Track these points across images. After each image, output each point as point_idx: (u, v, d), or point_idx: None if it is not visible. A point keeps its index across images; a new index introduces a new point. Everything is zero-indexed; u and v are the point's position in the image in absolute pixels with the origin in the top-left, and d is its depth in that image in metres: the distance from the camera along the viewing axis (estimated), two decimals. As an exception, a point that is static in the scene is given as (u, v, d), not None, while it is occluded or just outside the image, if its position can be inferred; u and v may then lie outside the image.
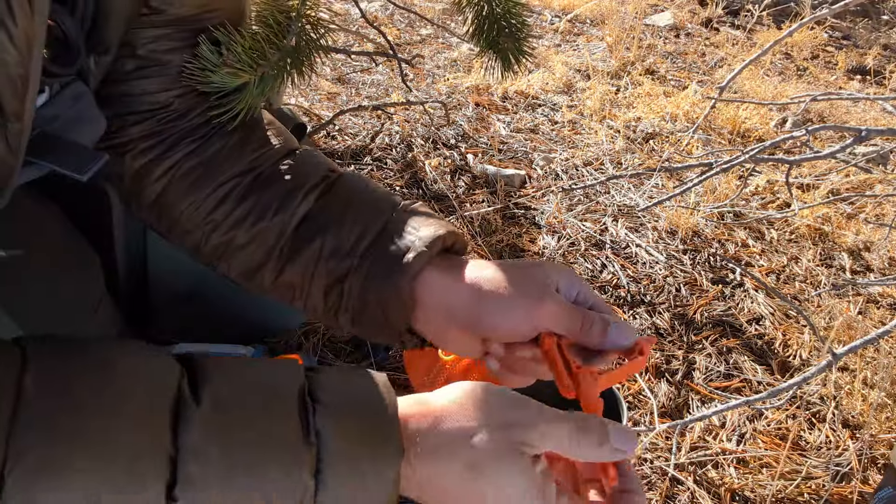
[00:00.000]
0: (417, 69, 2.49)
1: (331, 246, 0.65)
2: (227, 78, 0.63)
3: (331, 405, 0.46)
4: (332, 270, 0.65)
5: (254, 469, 0.43)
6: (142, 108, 0.66)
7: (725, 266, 1.59)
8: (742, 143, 2.15)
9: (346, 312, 0.66)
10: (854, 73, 2.94)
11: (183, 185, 0.67)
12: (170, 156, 0.67)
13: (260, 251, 0.67)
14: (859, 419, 1.22)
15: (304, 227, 0.66)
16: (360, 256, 0.64)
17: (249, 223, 0.66)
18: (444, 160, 1.90)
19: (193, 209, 0.67)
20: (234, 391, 0.46)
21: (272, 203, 0.67)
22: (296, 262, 0.66)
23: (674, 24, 3.23)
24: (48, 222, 0.78)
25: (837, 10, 1.34)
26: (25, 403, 0.40)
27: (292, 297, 0.68)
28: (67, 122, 0.59)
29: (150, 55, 0.64)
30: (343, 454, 0.45)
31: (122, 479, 0.39)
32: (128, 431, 0.41)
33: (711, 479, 1.11)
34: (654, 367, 1.30)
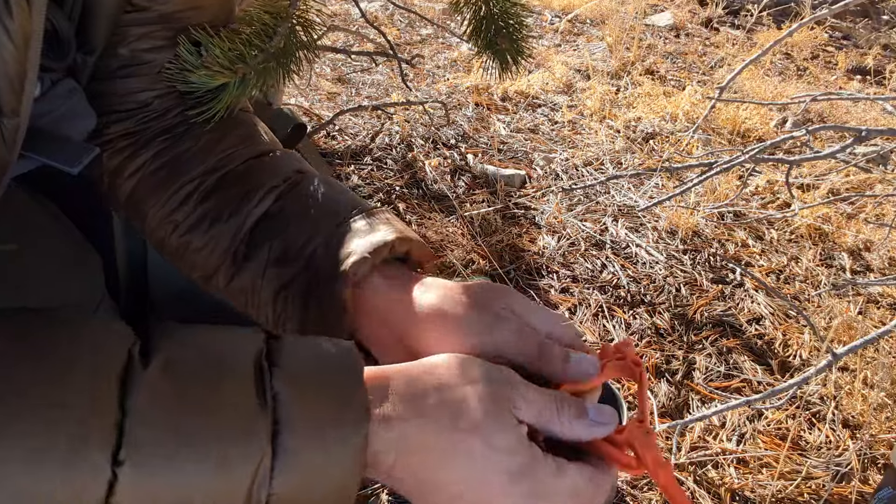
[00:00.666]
0: (417, 69, 2.49)
1: (279, 249, 0.61)
2: (206, 79, 0.63)
3: (290, 368, 0.43)
4: (279, 275, 0.61)
5: (205, 432, 0.40)
6: (124, 108, 0.65)
7: (725, 266, 1.59)
8: (742, 143, 2.15)
9: (290, 321, 0.62)
10: (854, 73, 2.94)
11: (151, 182, 0.66)
12: (142, 153, 0.66)
13: (215, 254, 0.64)
14: (859, 419, 1.22)
15: (259, 229, 0.63)
16: (306, 260, 0.60)
17: (206, 225, 0.64)
18: (444, 160, 1.90)
19: (158, 208, 0.65)
20: (186, 354, 0.43)
21: (230, 204, 0.64)
22: (246, 266, 0.63)
23: (674, 24, 3.23)
24: (47, 222, 0.78)
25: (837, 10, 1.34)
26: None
27: (245, 304, 0.64)
28: (59, 118, 0.59)
29: (134, 54, 0.63)
30: (302, 418, 0.42)
31: (65, 443, 0.38)
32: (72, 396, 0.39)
33: (711, 479, 1.11)
34: (654, 367, 1.30)
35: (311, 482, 0.42)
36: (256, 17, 0.64)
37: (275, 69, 0.65)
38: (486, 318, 0.52)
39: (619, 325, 1.39)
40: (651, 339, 1.37)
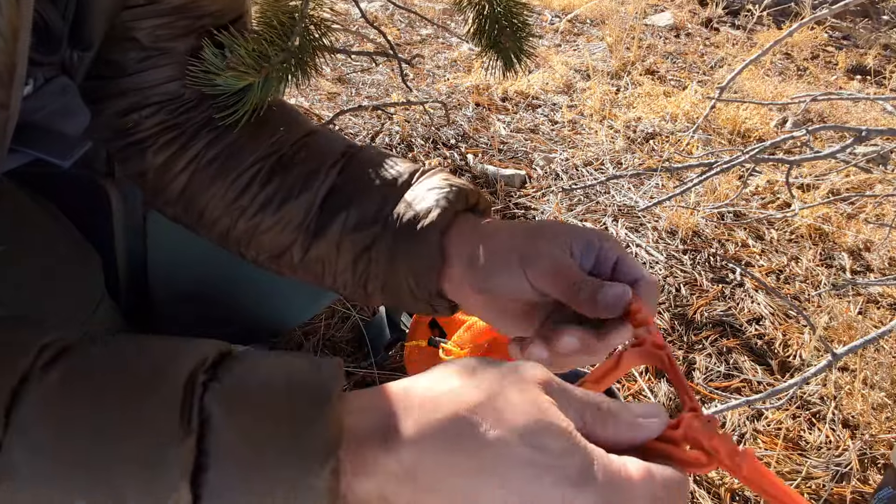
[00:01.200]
0: (417, 69, 2.49)
1: (355, 216, 0.65)
2: (232, 80, 0.64)
3: (235, 384, 0.35)
4: (358, 240, 0.64)
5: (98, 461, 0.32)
6: (154, 101, 0.66)
7: (725, 266, 1.59)
8: (742, 143, 2.15)
9: (375, 280, 0.64)
10: (854, 73, 2.94)
11: (207, 174, 0.68)
12: (191, 146, 0.68)
13: (287, 230, 0.67)
14: (859, 419, 1.22)
15: (329, 202, 0.66)
16: (384, 221, 0.63)
17: (276, 205, 0.67)
18: (444, 160, 1.90)
19: (220, 197, 0.68)
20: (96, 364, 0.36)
21: (297, 183, 0.67)
22: (323, 236, 0.66)
23: (674, 24, 3.23)
24: (47, 222, 0.78)
25: (837, 10, 1.34)
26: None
27: (322, 273, 0.67)
28: (52, 114, 0.59)
29: (155, 44, 0.64)
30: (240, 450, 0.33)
31: None
32: None
33: (711, 479, 1.11)
34: (654, 367, 1.30)
35: None
36: (275, 17, 0.64)
37: (295, 68, 0.66)
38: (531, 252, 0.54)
39: (619, 325, 1.39)
40: (651, 339, 1.37)
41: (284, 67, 0.65)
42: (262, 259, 0.70)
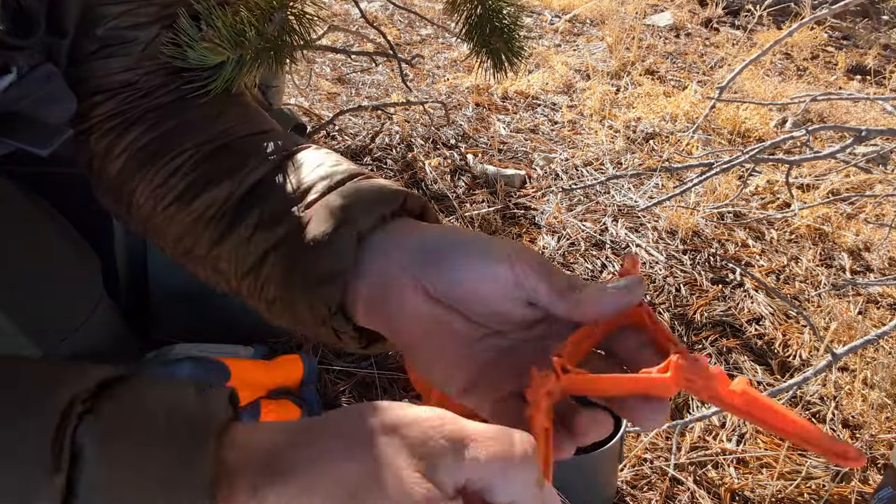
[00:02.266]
0: (417, 69, 2.49)
1: (268, 213, 0.56)
2: (205, 53, 0.61)
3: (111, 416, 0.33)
4: (267, 238, 0.56)
5: None
6: (106, 89, 0.63)
7: (725, 266, 1.59)
8: (742, 143, 2.15)
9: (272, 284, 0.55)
10: (854, 73, 2.94)
11: (141, 156, 0.62)
12: (132, 131, 0.63)
13: (201, 222, 0.59)
14: (859, 419, 1.22)
15: (252, 193, 0.58)
16: (297, 219, 0.54)
17: (196, 191, 0.60)
18: (444, 160, 1.90)
19: (148, 181, 0.61)
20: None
21: (223, 170, 0.59)
22: (232, 232, 0.58)
23: (674, 24, 3.23)
24: (45, 222, 0.78)
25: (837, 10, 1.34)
26: None
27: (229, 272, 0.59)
28: (37, 102, 0.57)
29: (112, 34, 0.61)
30: (108, 485, 0.31)
31: None
32: None
33: (711, 479, 1.11)
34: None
35: None
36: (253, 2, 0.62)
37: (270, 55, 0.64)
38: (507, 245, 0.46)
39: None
40: (651, 339, 1.37)
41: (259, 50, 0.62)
42: (177, 255, 0.63)
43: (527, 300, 0.45)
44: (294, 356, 1.11)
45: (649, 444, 1.14)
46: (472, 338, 0.46)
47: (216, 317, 1.08)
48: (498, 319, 0.46)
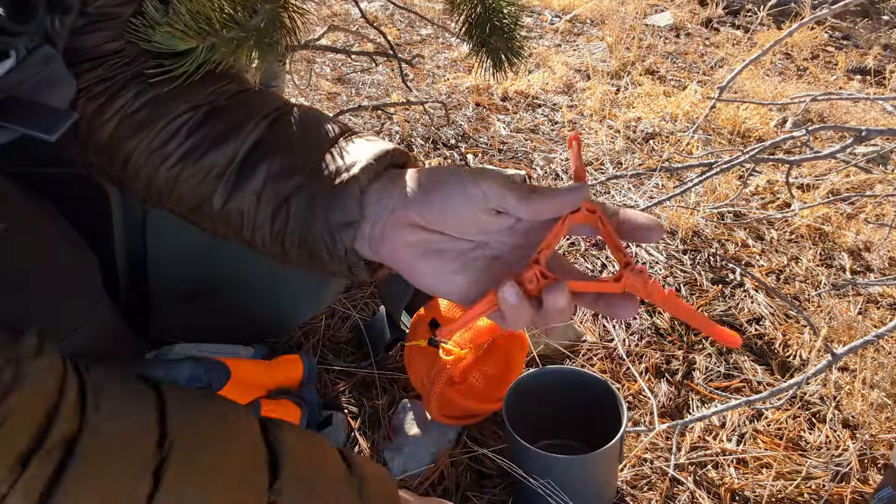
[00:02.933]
0: (417, 69, 2.49)
1: (278, 166, 0.64)
2: (167, 38, 0.62)
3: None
4: (278, 191, 0.64)
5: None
6: (92, 56, 0.66)
7: (725, 266, 1.59)
8: (742, 143, 2.15)
9: (292, 235, 0.64)
10: (854, 73, 2.94)
11: (134, 120, 0.67)
12: (121, 95, 0.67)
13: (208, 180, 0.66)
14: (859, 419, 1.21)
15: (254, 152, 0.66)
16: (307, 173, 0.63)
17: (200, 152, 0.66)
18: (444, 160, 1.90)
19: (146, 144, 0.67)
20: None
21: (223, 132, 0.66)
22: (244, 187, 0.65)
23: (674, 24, 3.23)
24: (45, 222, 0.78)
25: (837, 10, 1.34)
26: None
27: (241, 226, 0.66)
28: (37, 86, 0.58)
29: (100, 10, 0.64)
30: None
31: None
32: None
33: (711, 479, 1.11)
34: (654, 367, 1.30)
35: None
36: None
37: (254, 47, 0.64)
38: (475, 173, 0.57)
39: (618, 325, 1.39)
40: (651, 339, 1.37)
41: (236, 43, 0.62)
42: (182, 211, 0.69)
43: (496, 210, 0.57)
44: (294, 356, 1.11)
45: (649, 444, 1.14)
46: (461, 251, 0.59)
47: (216, 317, 1.08)
48: (477, 231, 0.58)
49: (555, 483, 0.92)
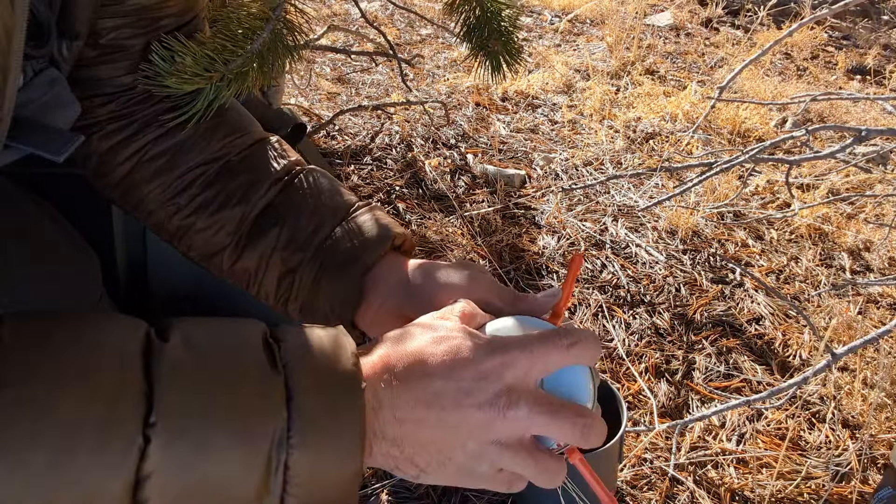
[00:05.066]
0: (417, 69, 2.49)
1: (287, 236, 0.68)
2: (178, 84, 0.65)
3: (293, 344, 0.47)
4: (286, 260, 0.68)
5: (227, 395, 0.43)
6: (106, 91, 0.68)
7: (725, 266, 1.59)
8: (742, 143, 2.15)
9: (295, 301, 0.69)
10: (854, 73, 2.94)
11: (150, 168, 0.70)
12: (137, 139, 0.69)
13: (220, 236, 0.70)
14: (859, 419, 1.22)
15: (264, 216, 0.69)
16: (314, 250, 0.67)
17: (212, 209, 0.69)
18: (444, 160, 1.90)
19: (160, 191, 0.70)
20: (200, 331, 0.47)
21: (236, 192, 0.69)
22: (253, 249, 0.69)
23: (674, 24, 3.23)
24: (45, 221, 0.78)
25: (837, 10, 1.34)
26: (2, 350, 0.40)
27: (247, 283, 0.71)
28: (42, 107, 0.60)
29: (113, 42, 0.65)
30: (310, 384, 0.44)
31: (95, 424, 0.39)
32: (103, 374, 0.41)
33: (711, 479, 1.11)
34: (654, 367, 1.30)
35: (323, 444, 0.43)
36: (236, 19, 0.65)
37: (255, 72, 0.66)
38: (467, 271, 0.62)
39: (618, 325, 1.39)
40: (651, 339, 1.37)
41: (240, 73, 0.65)
42: (193, 256, 0.73)
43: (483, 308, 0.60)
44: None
45: (649, 444, 1.14)
46: None
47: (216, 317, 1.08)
48: None
49: (555, 483, 0.92)
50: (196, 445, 0.41)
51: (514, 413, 0.47)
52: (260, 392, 0.43)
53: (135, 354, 0.43)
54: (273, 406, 0.43)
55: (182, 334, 0.45)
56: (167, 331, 0.45)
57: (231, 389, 0.43)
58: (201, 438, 0.41)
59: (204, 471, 0.41)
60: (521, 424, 0.48)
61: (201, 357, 0.44)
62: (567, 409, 0.48)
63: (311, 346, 0.47)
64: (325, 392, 0.44)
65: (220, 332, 0.47)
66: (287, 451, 0.42)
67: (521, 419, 0.47)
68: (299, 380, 0.44)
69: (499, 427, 0.47)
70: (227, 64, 0.64)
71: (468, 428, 0.47)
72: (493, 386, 0.47)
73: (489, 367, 0.47)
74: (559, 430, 0.48)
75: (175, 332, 0.45)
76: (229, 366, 0.44)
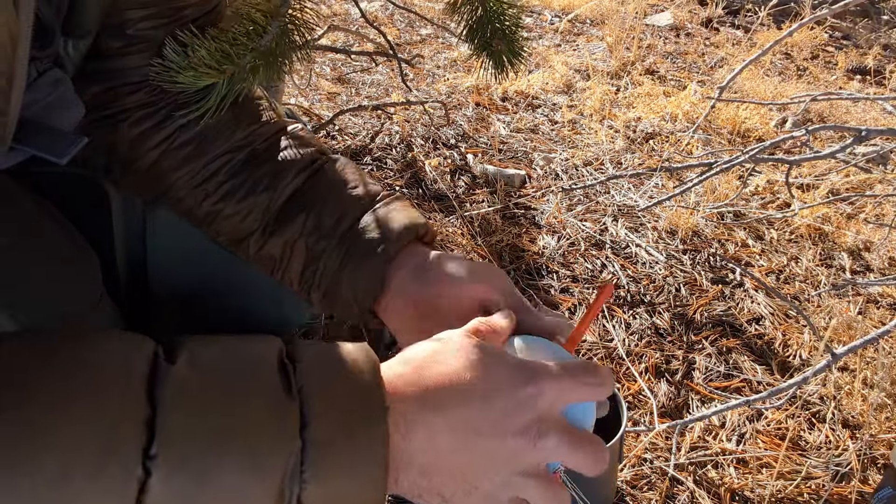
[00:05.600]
0: (417, 69, 2.49)
1: (312, 223, 0.69)
2: (192, 79, 0.65)
3: (310, 365, 0.44)
4: (311, 247, 0.69)
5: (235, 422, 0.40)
6: (133, 80, 0.68)
7: (725, 266, 1.59)
8: (742, 143, 2.15)
9: (318, 289, 0.70)
10: (854, 73, 2.94)
11: (178, 155, 0.71)
12: (165, 126, 0.70)
13: (247, 222, 0.71)
14: (859, 419, 1.22)
15: (290, 203, 0.70)
16: (338, 238, 0.68)
17: (240, 196, 0.70)
18: (444, 160, 1.90)
19: (188, 178, 0.71)
20: (210, 353, 0.44)
21: (263, 179, 0.70)
22: (279, 235, 0.70)
23: (674, 24, 3.24)
24: (45, 221, 0.78)
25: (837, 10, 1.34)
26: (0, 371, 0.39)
27: (272, 269, 0.72)
28: (46, 108, 0.60)
29: (138, 34, 0.66)
30: (328, 410, 0.42)
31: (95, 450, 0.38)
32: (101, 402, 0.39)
33: (711, 479, 1.11)
34: (654, 367, 1.30)
35: (340, 476, 0.41)
36: (247, 15, 0.65)
37: (265, 68, 0.66)
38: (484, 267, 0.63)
39: (619, 325, 1.39)
40: (651, 339, 1.37)
41: (251, 68, 0.65)
42: (222, 240, 0.74)
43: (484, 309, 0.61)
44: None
45: (649, 444, 1.14)
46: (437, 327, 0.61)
47: (216, 317, 1.08)
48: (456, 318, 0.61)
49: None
50: (198, 476, 0.39)
51: (543, 443, 0.47)
52: (272, 419, 0.41)
53: (138, 376, 0.40)
54: (286, 435, 0.40)
55: (189, 354, 0.43)
56: (175, 351, 0.43)
57: (241, 415, 0.41)
58: (204, 468, 0.39)
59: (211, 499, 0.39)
60: (547, 454, 0.48)
61: (210, 379, 0.42)
62: (585, 441, 0.49)
63: (331, 367, 0.45)
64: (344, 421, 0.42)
65: (234, 352, 0.45)
66: (301, 485, 0.40)
67: (549, 449, 0.47)
68: (314, 405, 0.42)
69: (529, 456, 0.47)
70: (241, 59, 0.64)
71: (502, 456, 0.47)
72: (527, 415, 0.47)
73: (523, 396, 0.47)
74: (580, 460, 0.49)
75: (183, 352, 0.43)
76: (240, 389, 0.42)
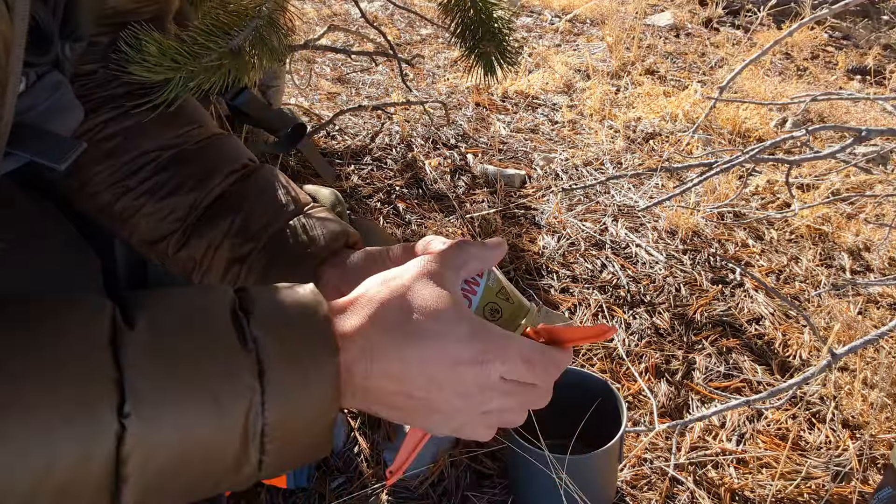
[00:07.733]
0: (417, 69, 2.49)
1: (239, 225, 0.68)
2: (144, 73, 0.65)
3: (262, 314, 0.47)
4: (235, 248, 0.68)
5: (198, 376, 0.44)
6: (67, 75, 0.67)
7: (725, 266, 1.59)
8: (742, 143, 2.15)
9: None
10: (854, 73, 2.94)
11: (101, 148, 0.69)
12: (90, 118, 0.68)
13: (166, 222, 0.69)
14: (859, 419, 1.22)
15: (216, 205, 0.69)
16: (265, 241, 0.67)
17: (162, 194, 0.69)
18: (444, 160, 1.90)
19: (108, 173, 0.69)
20: (166, 312, 0.47)
21: (190, 179, 0.69)
22: (200, 236, 0.68)
23: (674, 24, 3.24)
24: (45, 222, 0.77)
25: (837, 10, 1.34)
26: None
27: (192, 270, 0.70)
28: (45, 112, 0.60)
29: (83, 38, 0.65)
30: (282, 355, 0.46)
31: (72, 407, 0.40)
32: (70, 363, 0.42)
33: (711, 479, 1.11)
34: (654, 367, 1.30)
35: (296, 408, 0.46)
36: (213, 15, 0.65)
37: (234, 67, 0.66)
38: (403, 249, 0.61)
39: (619, 325, 1.39)
40: (651, 339, 1.37)
41: (214, 67, 0.65)
42: (135, 242, 0.72)
43: None
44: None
45: (649, 444, 1.14)
46: None
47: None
48: None
49: (556, 481, 0.92)
50: (173, 427, 0.42)
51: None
52: (230, 371, 0.44)
53: (101, 341, 0.43)
54: (244, 382, 0.44)
55: (147, 317, 0.45)
56: (132, 313, 0.45)
57: (201, 370, 0.44)
58: (176, 421, 0.42)
59: (183, 448, 0.43)
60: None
61: (168, 339, 0.45)
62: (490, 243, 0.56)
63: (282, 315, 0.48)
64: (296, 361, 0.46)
65: (186, 309, 0.47)
66: (263, 419, 0.45)
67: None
68: (269, 353, 0.45)
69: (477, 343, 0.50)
70: (197, 58, 0.64)
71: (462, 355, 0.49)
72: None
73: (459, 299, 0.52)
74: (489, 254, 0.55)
75: (141, 315, 0.45)
76: (197, 346, 0.45)
